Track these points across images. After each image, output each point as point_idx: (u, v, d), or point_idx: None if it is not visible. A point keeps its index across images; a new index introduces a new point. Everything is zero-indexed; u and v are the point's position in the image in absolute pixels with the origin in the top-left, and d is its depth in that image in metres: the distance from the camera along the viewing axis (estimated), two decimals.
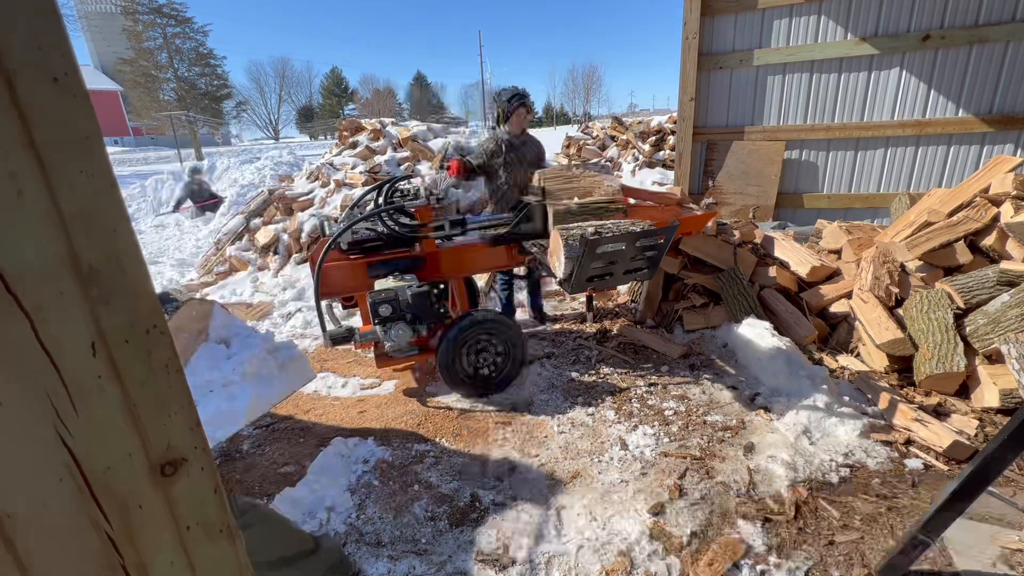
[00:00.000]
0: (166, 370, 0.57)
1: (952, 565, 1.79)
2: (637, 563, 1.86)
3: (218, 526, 0.65)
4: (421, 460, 2.53)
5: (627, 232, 2.64)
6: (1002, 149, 4.05)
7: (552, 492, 2.26)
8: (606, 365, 3.36)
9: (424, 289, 2.68)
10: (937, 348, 2.70)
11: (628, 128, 10.58)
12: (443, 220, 3.01)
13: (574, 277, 2.71)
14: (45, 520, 0.51)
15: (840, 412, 2.63)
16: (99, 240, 0.50)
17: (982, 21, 3.85)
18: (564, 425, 2.74)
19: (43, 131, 0.45)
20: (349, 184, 6.43)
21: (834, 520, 2.03)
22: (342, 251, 2.94)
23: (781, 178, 4.80)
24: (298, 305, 4.82)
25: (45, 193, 0.46)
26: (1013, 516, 2.00)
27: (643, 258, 2.85)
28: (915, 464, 2.32)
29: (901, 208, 3.70)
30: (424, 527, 2.10)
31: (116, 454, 0.54)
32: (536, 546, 1.96)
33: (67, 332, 0.49)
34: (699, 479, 2.28)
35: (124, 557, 0.56)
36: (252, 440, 2.82)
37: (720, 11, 4.57)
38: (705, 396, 2.95)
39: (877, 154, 4.43)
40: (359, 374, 3.54)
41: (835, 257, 3.64)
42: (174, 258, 7.22)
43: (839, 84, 4.39)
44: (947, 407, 2.64)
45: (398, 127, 7.64)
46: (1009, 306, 2.60)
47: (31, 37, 0.44)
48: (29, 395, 0.48)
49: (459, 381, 2.98)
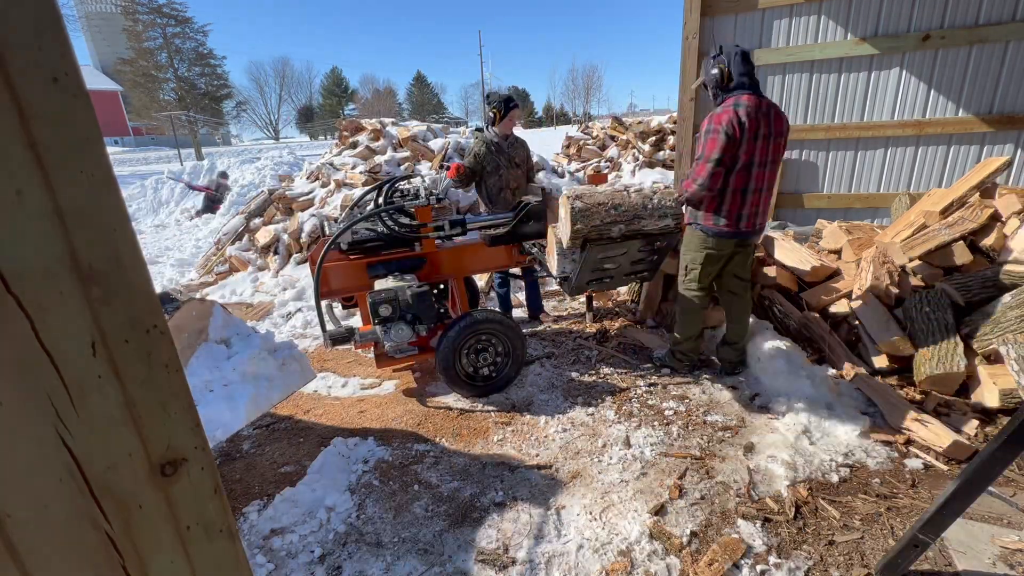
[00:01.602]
0: (166, 370, 0.57)
1: (952, 565, 1.79)
2: (637, 563, 1.86)
3: (218, 526, 0.65)
4: (421, 460, 2.53)
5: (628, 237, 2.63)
6: (1002, 149, 4.05)
7: (552, 492, 2.26)
8: (606, 365, 3.36)
9: (424, 289, 2.68)
10: (937, 348, 2.70)
11: (628, 128, 10.58)
12: (443, 220, 3.02)
13: (575, 279, 2.71)
14: (45, 520, 0.51)
15: (840, 412, 2.63)
16: (99, 240, 0.50)
17: (982, 21, 3.85)
18: (564, 425, 2.74)
19: (43, 131, 0.45)
20: (349, 184, 6.43)
21: (834, 520, 2.03)
22: (342, 251, 2.94)
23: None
24: (298, 305, 4.82)
25: (45, 193, 0.46)
26: (1013, 516, 2.00)
27: (644, 261, 2.84)
28: (915, 464, 2.32)
29: (901, 208, 3.70)
30: (424, 527, 2.10)
31: (116, 454, 0.54)
32: (536, 546, 1.96)
33: (67, 332, 0.49)
34: (699, 479, 2.28)
35: (124, 557, 0.56)
36: (252, 440, 2.82)
37: (720, 11, 4.56)
38: (705, 396, 2.95)
39: (877, 154, 4.43)
40: (359, 374, 3.54)
41: (835, 257, 3.63)
42: (174, 258, 7.22)
43: (839, 84, 4.39)
44: (947, 407, 2.64)
45: (398, 127, 7.64)
46: (1009, 307, 2.60)
47: (31, 37, 0.44)
48: (29, 395, 0.48)
49: (459, 381, 2.98)
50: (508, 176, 3.60)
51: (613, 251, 2.62)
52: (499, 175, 3.58)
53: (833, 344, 3.10)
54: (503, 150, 3.59)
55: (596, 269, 2.70)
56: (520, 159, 3.67)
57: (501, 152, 3.58)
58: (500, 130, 3.58)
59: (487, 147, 3.55)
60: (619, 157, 10.25)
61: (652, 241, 2.68)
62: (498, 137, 3.58)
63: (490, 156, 3.55)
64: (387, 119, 8.34)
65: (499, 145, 3.58)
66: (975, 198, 3.21)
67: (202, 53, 36.39)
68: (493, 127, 3.59)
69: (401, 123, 8.03)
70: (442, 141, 7.17)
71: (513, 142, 3.66)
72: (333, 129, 21.22)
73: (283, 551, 2.00)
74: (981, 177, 3.26)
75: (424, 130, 7.57)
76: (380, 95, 59.95)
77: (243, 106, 52.42)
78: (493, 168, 3.57)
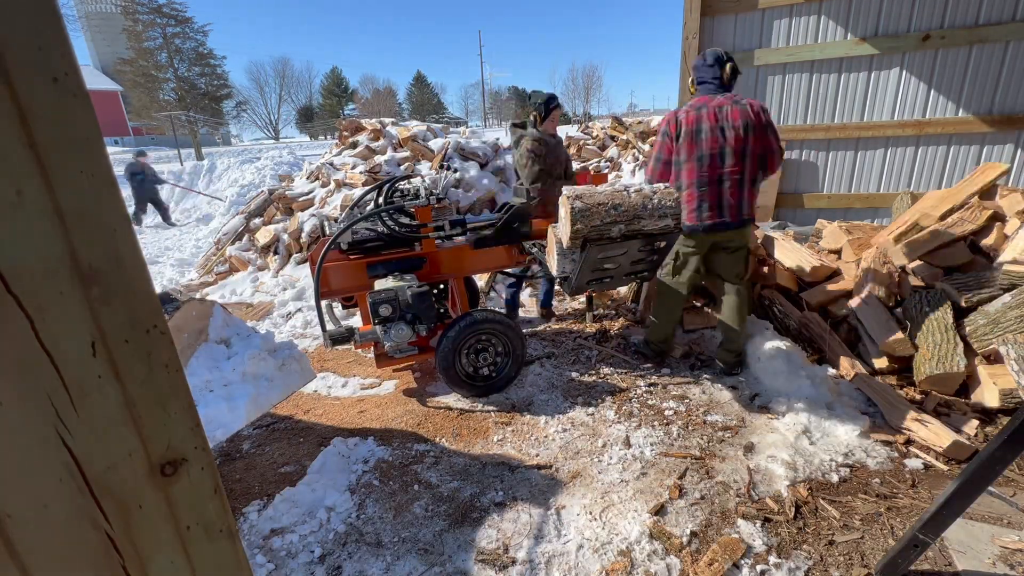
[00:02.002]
0: (166, 370, 0.57)
1: (952, 565, 1.79)
2: (637, 563, 1.86)
3: (218, 526, 0.65)
4: (421, 460, 2.53)
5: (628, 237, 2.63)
6: (1002, 149, 4.05)
7: (552, 492, 2.26)
8: (606, 365, 3.36)
9: (424, 289, 2.68)
10: (937, 348, 2.70)
11: (628, 128, 10.57)
12: (443, 220, 3.02)
13: (575, 279, 2.71)
14: (45, 520, 0.51)
15: (840, 412, 2.63)
16: (99, 240, 0.50)
17: (982, 21, 3.85)
18: (564, 425, 2.74)
19: (43, 131, 0.45)
20: (349, 184, 6.43)
21: (834, 520, 2.03)
22: (342, 251, 2.94)
23: (781, 178, 4.80)
24: (298, 305, 4.82)
25: (45, 193, 0.46)
26: (1013, 516, 2.00)
27: (644, 261, 2.84)
28: (915, 464, 2.32)
29: (902, 207, 3.70)
30: (424, 527, 2.10)
31: (116, 454, 0.54)
32: (536, 546, 1.96)
33: (67, 332, 0.49)
34: (699, 479, 2.28)
35: (124, 557, 0.56)
36: (252, 440, 2.82)
37: (720, 11, 4.56)
38: (705, 396, 2.95)
39: (877, 154, 4.43)
40: (359, 374, 3.54)
41: (835, 257, 3.63)
42: (174, 258, 7.23)
43: (839, 84, 4.39)
44: (947, 407, 2.64)
45: (398, 127, 7.64)
46: (1009, 307, 2.60)
47: (31, 37, 0.44)
48: (29, 395, 0.48)
49: (459, 381, 2.98)
50: (555, 171, 3.60)
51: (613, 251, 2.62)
52: (550, 173, 3.56)
53: (833, 344, 3.10)
54: (550, 148, 3.57)
55: (596, 269, 2.71)
56: (564, 157, 3.70)
57: (550, 150, 3.56)
58: (544, 129, 3.58)
59: (540, 144, 3.50)
60: (619, 157, 10.25)
61: (652, 241, 2.69)
62: (542, 135, 3.57)
63: (549, 152, 3.54)
64: (387, 119, 8.34)
65: (546, 142, 3.56)
66: (975, 200, 3.21)
67: (202, 53, 36.36)
68: (535, 128, 3.58)
69: (401, 123, 8.03)
70: (442, 141, 7.16)
71: (559, 140, 3.69)
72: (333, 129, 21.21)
73: (283, 551, 2.00)
74: (979, 186, 3.26)
75: (424, 130, 7.56)
76: (380, 95, 59.90)
77: (243, 106, 52.38)
78: (549, 165, 3.55)
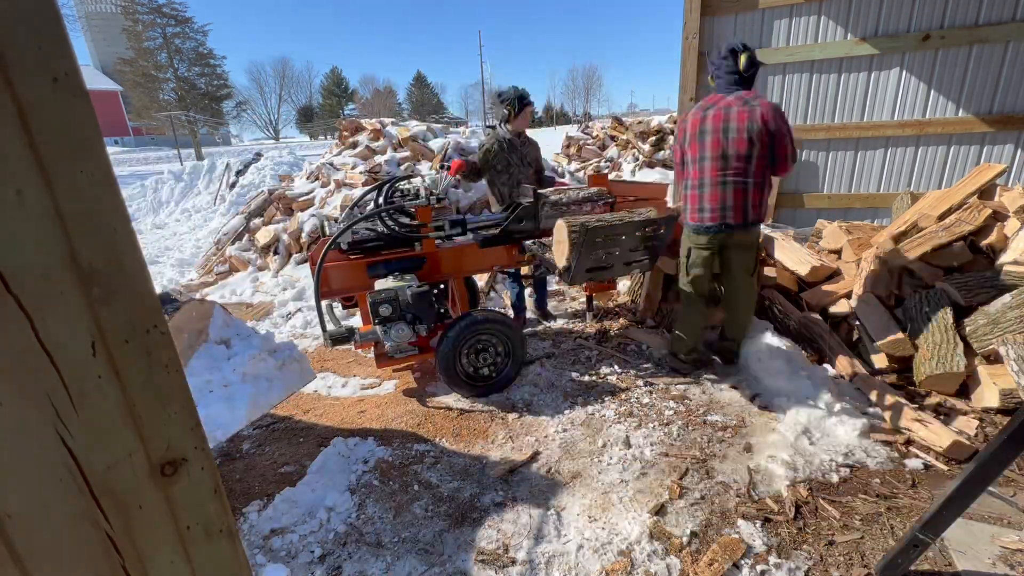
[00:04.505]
0: (166, 370, 0.57)
1: (952, 565, 1.79)
2: (637, 563, 1.86)
3: (218, 526, 0.65)
4: (421, 460, 2.53)
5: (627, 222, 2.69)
6: (1002, 149, 4.05)
7: (552, 492, 2.26)
8: (606, 365, 3.36)
9: (424, 289, 2.68)
10: (937, 348, 2.70)
11: (628, 128, 10.57)
12: (443, 220, 3.02)
13: (574, 267, 2.73)
14: (45, 520, 0.51)
15: (840, 412, 2.63)
16: (99, 240, 0.50)
17: (982, 21, 3.85)
18: (564, 425, 2.74)
19: (43, 131, 0.45)
20: (349, 184, 6.43)
21: (834, 520, 2.03)
22: (342, 251, 2.94)
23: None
24: (298, 305, 4.82)
25: (45, 193, 0.46)
26: (1013, 516, 2.00)
27: (643, 248, 2.88)
28: (915, 464, 2.32)
29: (902, 207, 3.70)
30: (424, 527, 2.10)
31: (116, 454, 0.54)
32: (536, 546, 1.96)
33: (67, 332, 0.49)
34: (699, 479, 2.28)
35: (124, 557, 0.56)
36: (252, 440, 2.82)
37: (720, 11, 4.56)
38: (705, 396, 2.95)
39: (877, 154, 4.43)
40: (359, 374, 3.54)
41: (835, 257, 3.63)
42: (174, 258, 7.22)
43: (839, 84, 4.39)
44: (947, 407, 2.64)
45: (398, 127, 7.64)
46: (1009, 307, 2.60)
47: (31, 37, 0.44)
48: (29, 395, 0.48)
49: (459, 381, 2.98)
50: (519, 174, 3.60)
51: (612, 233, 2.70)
52: (510, 173, 3.58)
53: (833, 344, 3.10)
54: (515, 148, 3.58)
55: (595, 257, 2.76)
56: (531, 158, 3.68)
57: (514, 150, 3.58)
58: (514, 127, 3.58)
59: (499, 144, 3.55)
60: (619, 157, 10.26)
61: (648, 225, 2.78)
62: (511, 135, 3.58)
63: (501, 154, 3.55)
64: (387, 119, 8.34)
65: (511, 143, 3.57)
66: (974, 200, 3.21)
67: (202, 53, 36.36)
68: (506, 124, 3.59)
69: (401, 123, 8.03)
70: (442, 141, 7.16)
71: (525, 141, 3.67)
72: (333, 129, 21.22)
73: (283, 551, 2.00)
74: (977, 186, 3.26)
75: (424, 130, 7.57)
76: (380, 95, 59.92)
77: (243, 106, 52.37)
78: (503, 166, 3.57)
